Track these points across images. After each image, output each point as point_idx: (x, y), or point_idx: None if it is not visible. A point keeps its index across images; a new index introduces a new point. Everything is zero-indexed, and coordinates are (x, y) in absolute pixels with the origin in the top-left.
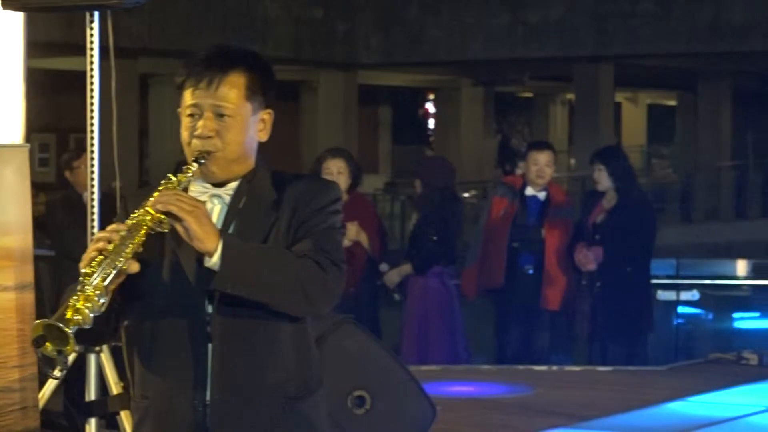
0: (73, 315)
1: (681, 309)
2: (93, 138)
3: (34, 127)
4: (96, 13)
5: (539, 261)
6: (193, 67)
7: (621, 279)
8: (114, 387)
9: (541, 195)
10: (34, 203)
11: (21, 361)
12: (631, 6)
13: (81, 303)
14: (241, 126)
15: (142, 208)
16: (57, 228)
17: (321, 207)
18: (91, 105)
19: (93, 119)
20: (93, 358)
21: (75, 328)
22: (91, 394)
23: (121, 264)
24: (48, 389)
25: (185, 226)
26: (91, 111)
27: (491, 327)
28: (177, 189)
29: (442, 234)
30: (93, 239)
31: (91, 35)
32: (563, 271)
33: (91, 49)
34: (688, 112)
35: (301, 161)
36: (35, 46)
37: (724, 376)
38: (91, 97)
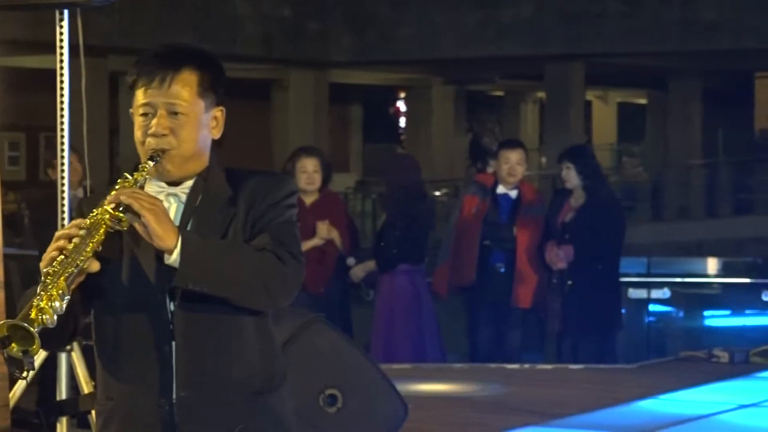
0: (38, 314)
1: (652, 307)
2: (63, 136)
3: (3, 126)
4: (66, 12)
5: (511, 259)
6: (144, 66)
7: (591, 277)
8: (85, 386)
9: (513, 193)
10: (3, 202)
11: None
12: (602, 5)
13: (45, 302)
14: (195, 123)
15: (100, 206)
16: (39, 226)
17: (277, 201)
18: (61, 103)
19: (63, 118)
20: (64, 357)
21: (40, 327)
22: (62, 393)
23: (82, 263)
24: (19, 388)
25: (144, 223)
26: (61, 109)
27: (463, 325)
28: (134, 187)
29: (408, 232)
30: (54, 238)
31: (61, 33)
32: (534, 269)
33: (61, 48)
34: (658, 110)
35: (272, 159)
36: (5, 44)
37: (694, 373)
38: (61, 96)
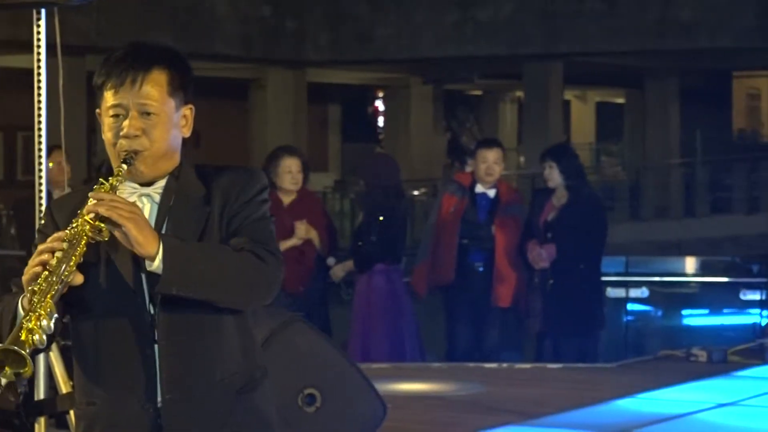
0: (28, 336)
1: (630, 306)
2: (41, 136)
3: None
4: (43, 11)
5: (489, 258)
6: (113, 67)
7: (573, 276)
8: (63, 386)
9: (491, 192)
10: None
11: None
12: (580, 4)
13: (33, 323)
14: (166, 123)
15: (80, 217)
16: (23, 226)
17: (251, 198)
18: (39, 103)
19: (40, 117)
20: (42, 356)
21: (31, 349)
22: (41, 392)
23: (66, 278)
24: None
25: (125, 232)
26: (39, 109)
27: (442, 324)
28: (110, 194)
29: (385, 232)
30: (35, 253)
31: (38, 33)
32: (514, 268)
33: (38, 47)
34: (636, 109)
35: (251, 159)
36: None
37: (673, 372)
38: (39, 95)
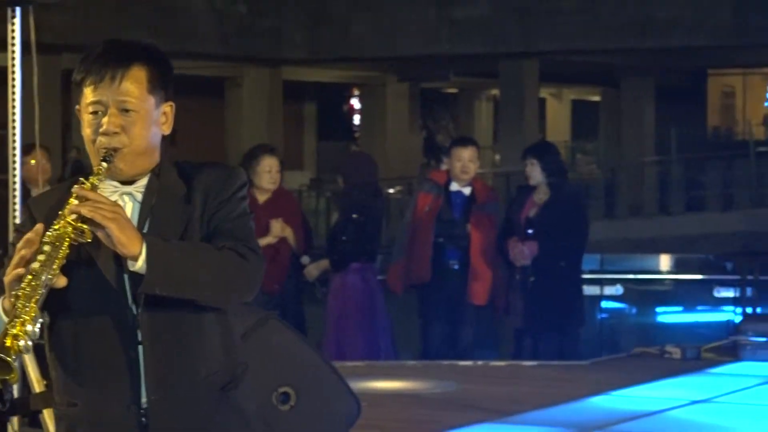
0: (13, 342)
1: (605, 303)
2: (15, 134)
3: None
4: (18, 9)
5: (464, 256)
6: (93, 63)
7: (554, 274)
8: (36, 385)
9: (466, 190)
10: None
11: None
12: (556, 2)
13: (18, 329)
14: (146, 120)
15: (61, 219)
16: (2, 225)
17: (230, 195)
18: (13, 101)
19: (15, 115)
20: None
21: (16, 356)
22: (14, 392)
23: (50, 281)
24: None
25: (108, 233)
26: (13, 107)
27: (416, 322)
28: (93, 193)
29: (361, 230)
30: (17, 255)
31: (13, 30)
32: (489, 266)
33: (13, 45)
34: (611, 107)
35: (226, 156)
36: None
37: (647, 370)
38: (13, 93)
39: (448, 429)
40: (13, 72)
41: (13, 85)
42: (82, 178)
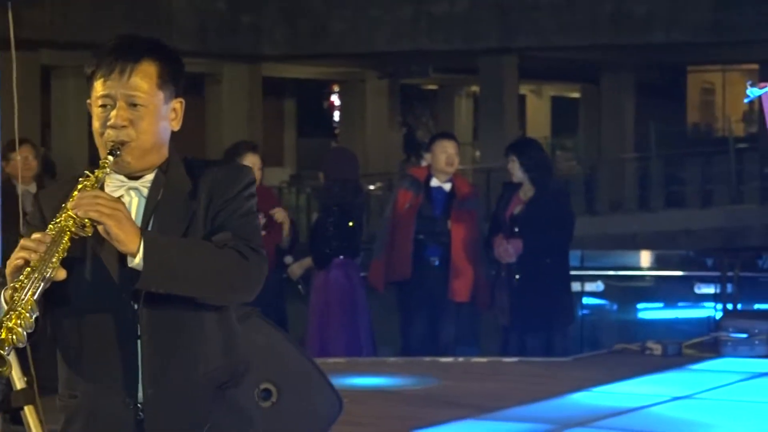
0: (8, 335)
1: (585, 300)
2: None
3: None
4: None
5: (445, 253)
6: (104, 57)
7: (540, 271)
8: (18, 382)
9: (446, 186)
10: None
11: None
12: None
13: (13, 321)
14: (154, 115)
15: (63, 212)
16: None
17: (236, 193)
18: None
19: None
20: None
21: (10, 348)
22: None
23: (49, 274)
24: None
25: (106, 229)
26: None
27: (397, 319)
28: (96, 188)
29: (343, 227)
30: (18, 248)
31: None
32: (470, 263)
33: None
34: (591, 104)
35: (206, 153)
36: None
37: (628, 366)
38: None
39: (429, 425)
40: None
41: None
42: (88, 171)
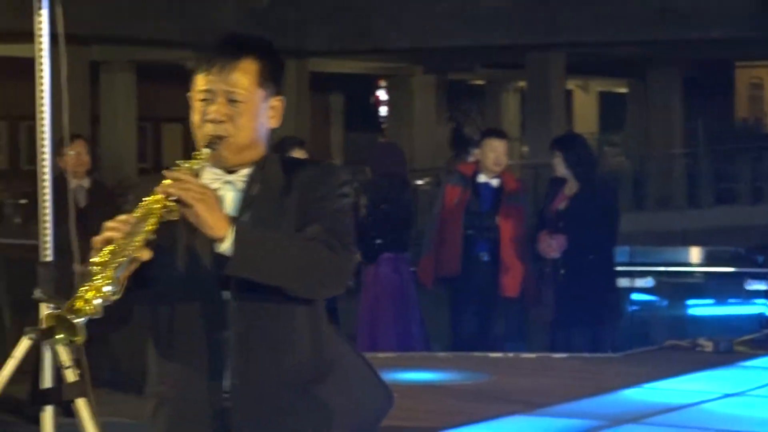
0: (83, 305)
1: (635, 296)
2: (43, 125)
3: None
4: (45, 0)
5: (494, 248)
6: (207, 53)
7: (584, 266)
8: (70, 375)
9: (494, 182)
10: None
11: None
12: None
13: (91, 294)
14: (253, 112)
15: (151, 195)
16: (32, 216)
17: (329, 191)
18: (41, 92)
19: (43, 107)
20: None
21: (85, 318)
22: (47, 381)
23: (132, 253)
24: (3, 376)
25: (195, 213)
26: (41, 98)
27: (446, 314)
28: (184, 174)
29: (391, 221)
30: (104, 227)
31: (41, 22)
32: (519, 258)
33: (41, 36)
34: (639, 99)
35: None
36: None
37: (678, 363)
38: (41, 85)
39: (478, 420)
40: (42, 63)
41: (42, 77)
42: (182, 161)
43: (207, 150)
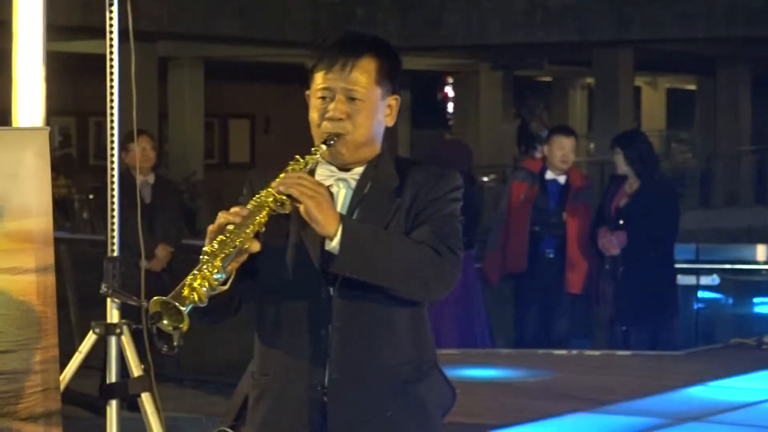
0: (190, 293)
1: (701, 294)
2: (113, 121)
3: (53, 111)
4: None
5: (560, 245)
6: (326, 51)
7: (644, 264)
8: (135, 369)
9: (561, 179)
10: (53, 186)
11: (42, 343)
12: None
13: (198, 282)
14: (371, 110)
15: (265, 189)
16: (98, 210)
17: (441, 195)
18: (111, 88)
19: (113, 102)
20: (114, 340)
21: (190, 306)
22: (112, 376)
23: (242, 244)
24: (70, 371)
25: (306, 209)
26: (111, 94)
27: (510, 311)
28: (303, 171)
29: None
30: (217, 217)
31: (111, 18)
32: (584, 255)
33: (111, 33)
34: (707, 96)
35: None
36: (55, 29)
37: (744, 361)
38: (111, 81)
39: (542, 417)
40: (111, 60)
41: (111, 73)
42: (298, 156)
43: (324, 147)
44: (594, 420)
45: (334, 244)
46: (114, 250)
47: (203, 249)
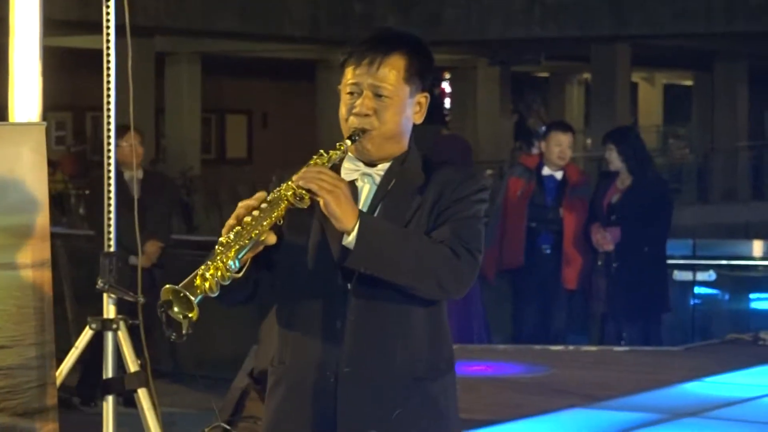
0: (201, 282)
1: (697, 289)
2: (110, 116)
3: (50, 106)
4: None
5: (556, 240)
6: (357, 47)
7: (637, 259)
8: (131, 365)
9: (558, 175)
10: (50, 181)
11: (38, 339)
12: None
13: (210, 272)
14: (398, 107)
15: (286, 182)
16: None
17: (465, 195)
18: (108, 83)
19: (109, 98)
20: (110, 336)
21: (201, 295)
22: (109, 371)
23: (257, 236)
24: (66, 366)
25: (324, 204)
26: (108, 89)
27: (507, 307)
28: (325, 165)
29: None
30: (237, 208)
31: (108, 13)
32: (580, 251)
33: (108, 28)
34: (704, 92)
35: (318, 139)
36: (52, 24)
37: (740, 356)
38: (108, 76)
39: (539, 413)
40: (108, 55)
41: (108, 68)
42: (322, 150)
43: (349, 142)
44: (590, 416)
45: (350, 239)
46: (111, 245)
47: (219, 240)
